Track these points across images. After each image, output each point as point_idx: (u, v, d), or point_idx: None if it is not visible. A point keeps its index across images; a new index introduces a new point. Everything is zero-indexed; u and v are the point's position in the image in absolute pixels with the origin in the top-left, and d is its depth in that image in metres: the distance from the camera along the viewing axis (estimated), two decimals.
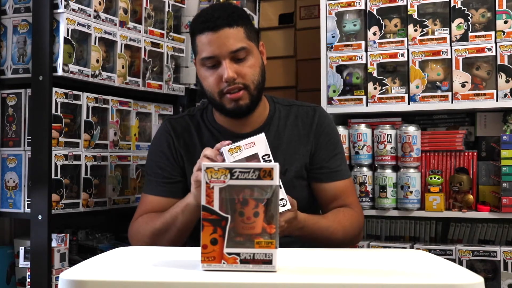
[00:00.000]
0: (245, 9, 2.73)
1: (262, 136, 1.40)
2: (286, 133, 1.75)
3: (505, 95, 2.24)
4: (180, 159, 1.77)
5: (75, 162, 2.04)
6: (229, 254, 0.96)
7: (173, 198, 1.72)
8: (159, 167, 1.78)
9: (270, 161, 1.37)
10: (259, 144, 1.38)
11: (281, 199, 1.40)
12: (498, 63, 2.24)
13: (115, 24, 2.21)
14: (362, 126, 2.40)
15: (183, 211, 1.60)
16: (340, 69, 2.46)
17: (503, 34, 2.25)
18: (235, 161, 1.37)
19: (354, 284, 0.91)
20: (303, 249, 1.36)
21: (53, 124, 1.95)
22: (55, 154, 1.96)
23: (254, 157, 1.38)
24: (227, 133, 1.73)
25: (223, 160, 1.41)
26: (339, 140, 1.86)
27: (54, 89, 1.97)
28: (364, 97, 2.41)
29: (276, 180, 0.97)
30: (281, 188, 1.41)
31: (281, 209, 1.40)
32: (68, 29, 1.99)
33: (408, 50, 2.36)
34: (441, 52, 2.31)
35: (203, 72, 1.69)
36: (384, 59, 2.39)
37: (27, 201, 1.99)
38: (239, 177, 0.96)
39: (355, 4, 2.45)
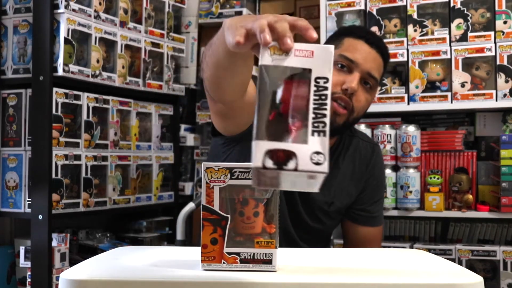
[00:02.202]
0: (245, 9, 2.74)
1: (329, 48, 0.85)
2: (343, 165, 1.68)
3: (505, 95, 2.24)
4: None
5: (75, 162, 2.05)
6: (229, 253, 0.96)
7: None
8: None
9: (325, 88, 0.82)
10: (321, 57, 0.84)
11: (317, 153, 0.81)
12: (498, 63, 2.24)
13: (115, 24, 2.22)
14: (362, 126, 2.40)
15: (218, 37, 1.15)
16: None
17: (503, 34, 2.25)
18: (271, 65, 0.85)
19: (354, 284, 0.91)
20: (303, 249, 1.37)
21: (53, 124, 1.96)
22: (56, 154, 1.96)
23: (302, 75, 0.83)
24: None
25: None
26: (385, 184, 1.81)
27: (55, 89, 1.97)
28: None
29: None
30: (323, 135, 0.81)
31: (314, 168, 0.80)
32: (68, 29, 1.99)
33: (407, 50, 2.36)
34: (441, 52, 2.31)
35: None
36: None
37: (28, 201, 2.00)
38: (239, 177, 0.97)
39: (355, 4, 2.45)
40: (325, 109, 0.83)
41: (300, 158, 0.80)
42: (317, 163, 0.80)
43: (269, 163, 0.79)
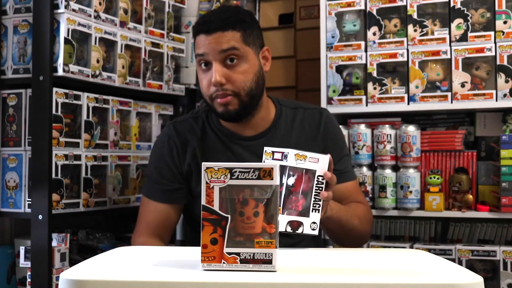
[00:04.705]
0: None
1: (327, 158, 1.38)
2: (293, 136, 1.74)
3: (505, 95, 2.24)
4: (182, 164, 1.76)
5: (75, 162, 2.05)
6: (229, 254, 0.96)
7: (174, 204, 1.75)
8: (159, 173, 1.77)
9: (322, 183, 1.35)
10: (322, 163, 1.37)
11: (314, 223, 1.34)
12: (498, 63, 2.24)
13: (115, 24, 2.22)
14: (362, 126, 2.40)
15: None
16: (340, 69, 2.47)
17: (503, 34, 2.25)
18: (293, 166, 1.33)
19: (354, 284, 0.91)
20: (303, 249, 1.37)
21: (53, 124, 1.96)
22: (56, 154, 1.96)
23: (311, 173, 1.36)
24: (233, 136, 1.73)
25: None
26: (345, 142, 1.87)
27: (55, 89, 1.97)
28: (364, 97, 2.42)
29: (276, 180, 0.97)
30: (318, 212, 1.35)
31: (312, 232, 1.34)
32: (68, 29, 1.99)
33: (407, 50, 2.36)
34: (441, 52, 2.31)
35: (199, 74, 1.70)
36: (384, 59, 2.39)
37: (28, 201, 2.00)
38: (239, 177, 0.97)
39: (355, 4, 2.45)
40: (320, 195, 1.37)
41: (305, 226, 1.34)
42: (313, 229, 1.35)
43: (289, 229, 1.33)
